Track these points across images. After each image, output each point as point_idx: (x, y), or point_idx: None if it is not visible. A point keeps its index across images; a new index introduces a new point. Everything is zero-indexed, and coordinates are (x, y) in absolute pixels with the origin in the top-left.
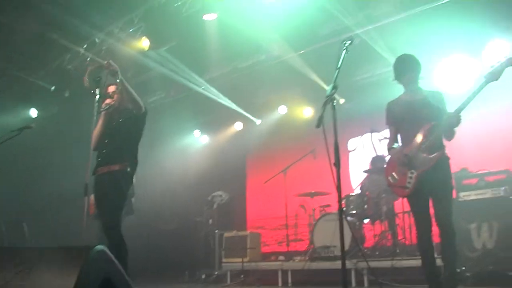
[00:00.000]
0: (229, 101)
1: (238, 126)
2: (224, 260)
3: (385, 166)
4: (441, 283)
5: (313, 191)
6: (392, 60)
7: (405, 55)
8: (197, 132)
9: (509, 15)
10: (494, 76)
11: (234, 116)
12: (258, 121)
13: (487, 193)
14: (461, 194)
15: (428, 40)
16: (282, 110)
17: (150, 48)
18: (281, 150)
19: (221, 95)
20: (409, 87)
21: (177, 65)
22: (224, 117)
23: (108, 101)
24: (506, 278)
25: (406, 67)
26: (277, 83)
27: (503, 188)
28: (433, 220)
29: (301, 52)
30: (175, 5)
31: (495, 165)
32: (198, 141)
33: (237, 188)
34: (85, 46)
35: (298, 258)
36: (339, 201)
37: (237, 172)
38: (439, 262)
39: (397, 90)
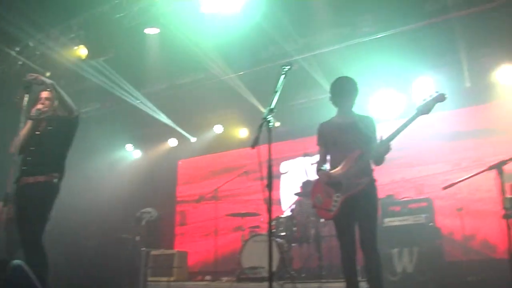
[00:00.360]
0: (165, 117)
1: (172, 142)
2: (149, 279)
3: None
4: None
5: (243, 212)
6: (328, 87)
7: (343, 77)
8: (129, 146)
9: (436, 54)
10: (426, 109)
11: (169, 132)
12: (193, 139)
13: (409, 220)
14: (386, 220)
15: (363, 72)
16: (218, 129)
17: (88, 57)
18: (214, 169)
19: (157, 110)
20: (342, 110)
21: (115, 76)
22: (158, 132)
23: (39, 106)
24: None
25: (342, 90)
26: (215, 102)
27: (424, 215)
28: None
29: (241, 73)
30: (117, 16)
31: (418, 193)
32: (130, 155)
33: (167, 206)
34: (17, 49)
35: (225, 278)
36: (269, 222)
37: (168, 189)
38: (364, 285)
39: (331, 116)
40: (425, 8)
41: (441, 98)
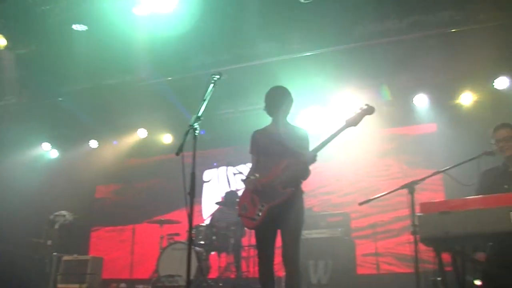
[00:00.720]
0: (87, 117)
1: (93, 144)
2: (59, 286)
3: (237, 199)
4: None
5: (163, 219)
6: (256, 99)
7: (278, 87)
8: (46, 145)
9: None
10: (354, 121)
11: (90, 133)
12: (115, 142)
13: (326, 233)
14: (304, 232)
15: (291, 87)
16: (142, 133)
17: (7, 47)
18: (135, 174)
19: (79, 110)
20: (276, 119)
21: (36, 71)
22: (79, 133)
23: None
24: None
25: (275, 99)
26: (140, 105)
27: (340, 229)
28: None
29: (169, 78)
30: (43, 8)
31: (336, 208)
32: (47, 155)
33: (84, 209)
34: None
35: (141, 286)
36: (190, 230)
37: (86, 192)
38: None
39: (258, 128)
40: (353, 33)
41: (370, 110)
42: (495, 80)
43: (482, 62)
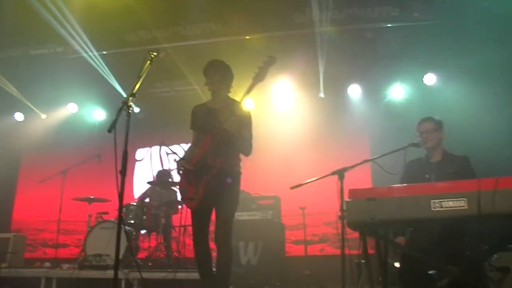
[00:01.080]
0: (12, 88)
1: (18, 117)
2: None
3: (170, 179)
4: None
5: (91, 197)
6: (192, 79)
7: (216, 60)
8: None
9: (297, 62)
10: (261, 77)
11: (15, 105)
12: (43, 115)
13: (257, 215)
14: (236, 214)
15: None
16: (72, 108)
17: None
18: (64, 150)
19: (3, 79)
20: (214, 94)
21: None
22: (3, 104)
23: None
24: None
25: (213, 72)
26: (72, 79)
27: (270, 212)
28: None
29: (104, 52)
30: None
31: (268, 191)
32: None
33: (6, 185)
34: None
35: (66, 265)
36: (120, 209)
37: (8, 167)
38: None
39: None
40: (294, 19)
41: (272, 61)
42: (424, 76)
43: (414, 59)
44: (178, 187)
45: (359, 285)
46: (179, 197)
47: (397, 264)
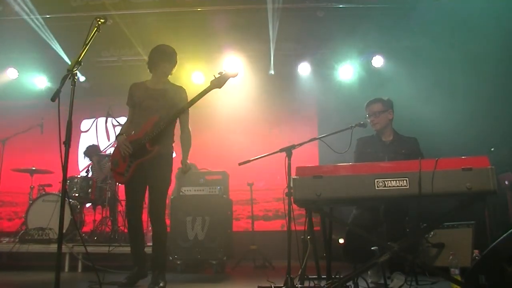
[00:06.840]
0: None
1: None
2: None
3: (99, 153)
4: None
5: (33, 168)
6: (140, 50)
7: (163, 45)
8: None
9: (248, 39)
10: (219, 83)
11: None
12: None
13: (205, 190)
14: (183, 188)
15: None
16: (12, 73)
17: None
18: (2, 117)
19: None
20: (156, 75)
21: None
22: None
23: None
24: None
25: (157, 57)
26: (11, 42)
27: (218, 187)
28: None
29: (47, 16)
30: None
31: (215, 167)
32: None
33: None
34: None
35: (6, 239)
36: (64, 181)
37: None
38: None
39: (140, 79)
40: None
41: (233, 74)
42: (373, 58)
43: (363, 40)
44: (112, 156)
45: (304, 260)
46: None
47: (341, 240)
